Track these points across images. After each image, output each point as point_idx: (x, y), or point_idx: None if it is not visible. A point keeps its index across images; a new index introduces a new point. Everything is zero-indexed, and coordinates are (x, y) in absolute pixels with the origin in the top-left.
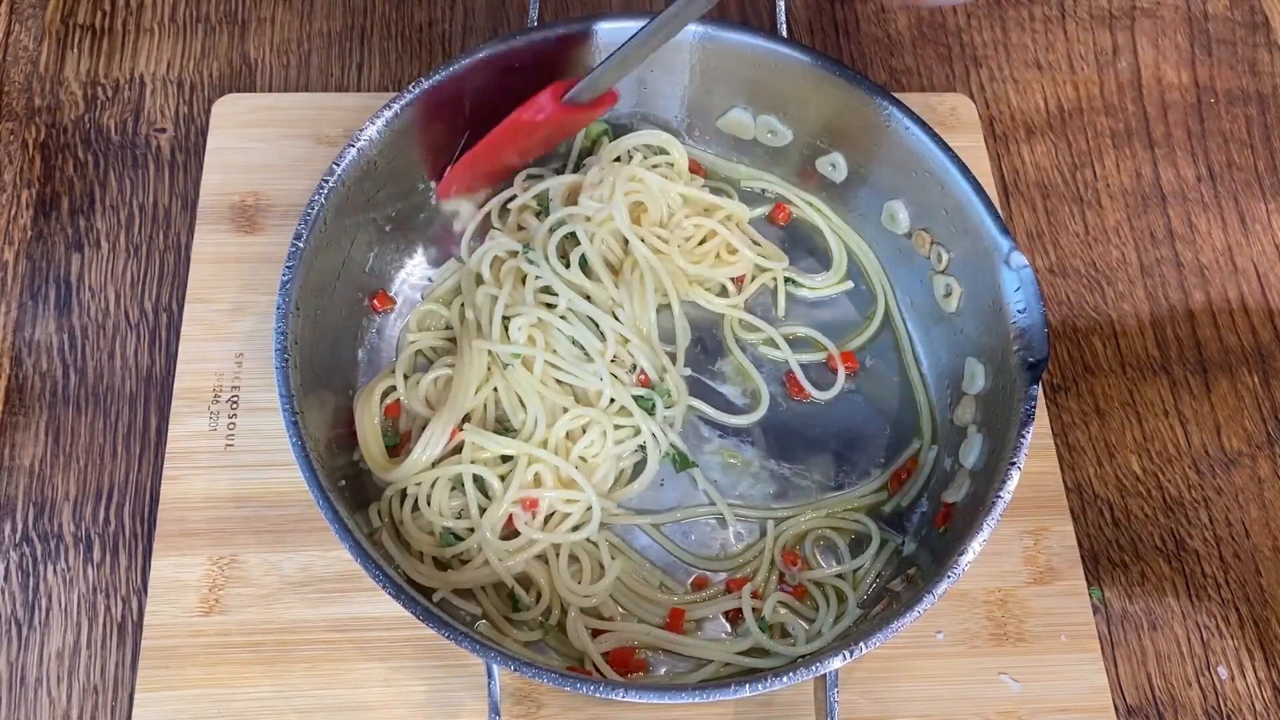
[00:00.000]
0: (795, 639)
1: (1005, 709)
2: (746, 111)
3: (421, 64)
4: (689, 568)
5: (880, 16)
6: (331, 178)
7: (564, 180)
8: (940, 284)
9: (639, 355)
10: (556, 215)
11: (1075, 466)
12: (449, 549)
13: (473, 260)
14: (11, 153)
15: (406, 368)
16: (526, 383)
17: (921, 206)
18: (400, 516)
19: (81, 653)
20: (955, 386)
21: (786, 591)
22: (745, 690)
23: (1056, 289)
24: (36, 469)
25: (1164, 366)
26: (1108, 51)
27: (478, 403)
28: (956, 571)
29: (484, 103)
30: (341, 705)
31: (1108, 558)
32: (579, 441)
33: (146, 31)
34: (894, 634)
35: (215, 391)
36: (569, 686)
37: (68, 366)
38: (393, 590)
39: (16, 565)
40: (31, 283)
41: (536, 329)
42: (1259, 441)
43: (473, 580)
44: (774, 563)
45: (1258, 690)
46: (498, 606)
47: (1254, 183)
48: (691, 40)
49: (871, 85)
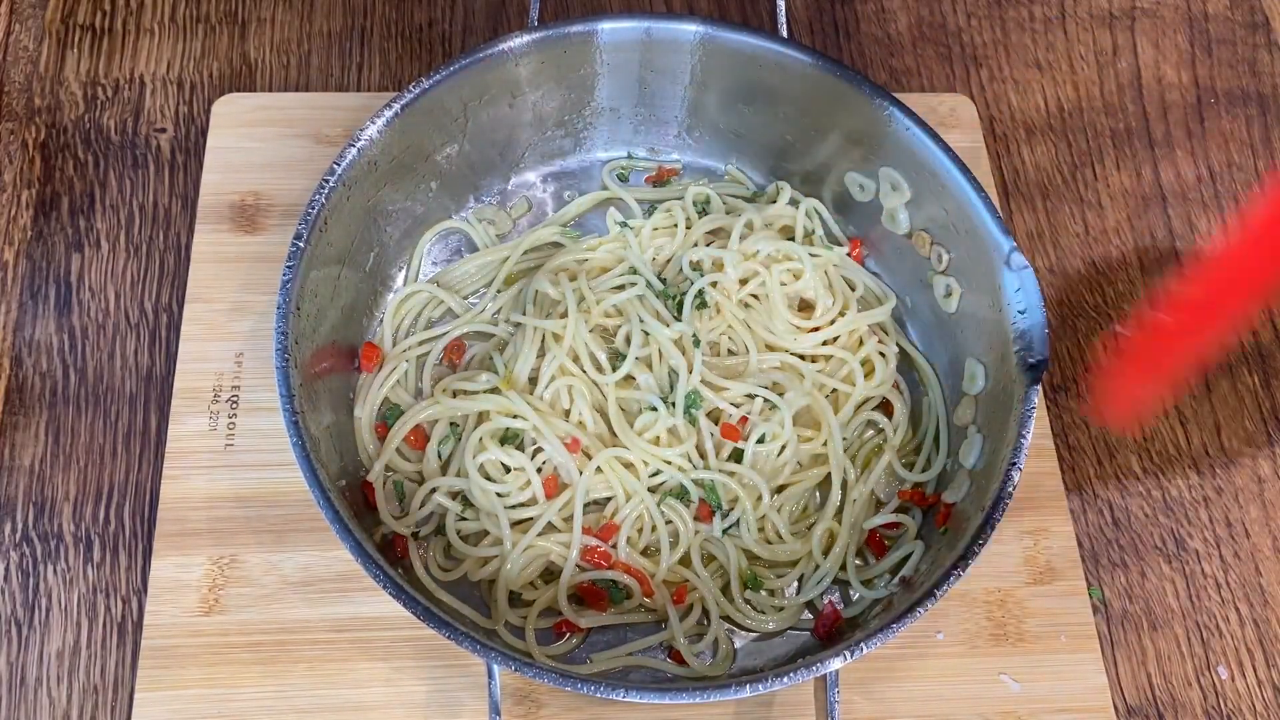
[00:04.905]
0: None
1: (1005, 709)
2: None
3: (421, 64)
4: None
5: (880, 16)
6: (332, 178)
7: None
8: (940, 284)
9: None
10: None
11: (1075, 466)
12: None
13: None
14: (11, 153)
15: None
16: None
17: (922, 207)
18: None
19: (81, 653)
20: (955, 386)
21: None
22: (745, 690)
23: (1056, 289)
24: (36, 469)
25: None
26: (1108, 51)
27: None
28: (957, 571)
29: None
30: (341, 705)
31: (1108, 558)
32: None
33: (146, 31)
34: (894, 634)
35: (215, 391)
36: (569, 686)
37: (68, 366)
38: (393, 590)
39: (16, 565)
40: (31, 283)
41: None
42: (1259, 441)
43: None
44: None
45: (1258, 690)
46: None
47: (1254, 183)
48: (692, 40)
49: (872, 85)
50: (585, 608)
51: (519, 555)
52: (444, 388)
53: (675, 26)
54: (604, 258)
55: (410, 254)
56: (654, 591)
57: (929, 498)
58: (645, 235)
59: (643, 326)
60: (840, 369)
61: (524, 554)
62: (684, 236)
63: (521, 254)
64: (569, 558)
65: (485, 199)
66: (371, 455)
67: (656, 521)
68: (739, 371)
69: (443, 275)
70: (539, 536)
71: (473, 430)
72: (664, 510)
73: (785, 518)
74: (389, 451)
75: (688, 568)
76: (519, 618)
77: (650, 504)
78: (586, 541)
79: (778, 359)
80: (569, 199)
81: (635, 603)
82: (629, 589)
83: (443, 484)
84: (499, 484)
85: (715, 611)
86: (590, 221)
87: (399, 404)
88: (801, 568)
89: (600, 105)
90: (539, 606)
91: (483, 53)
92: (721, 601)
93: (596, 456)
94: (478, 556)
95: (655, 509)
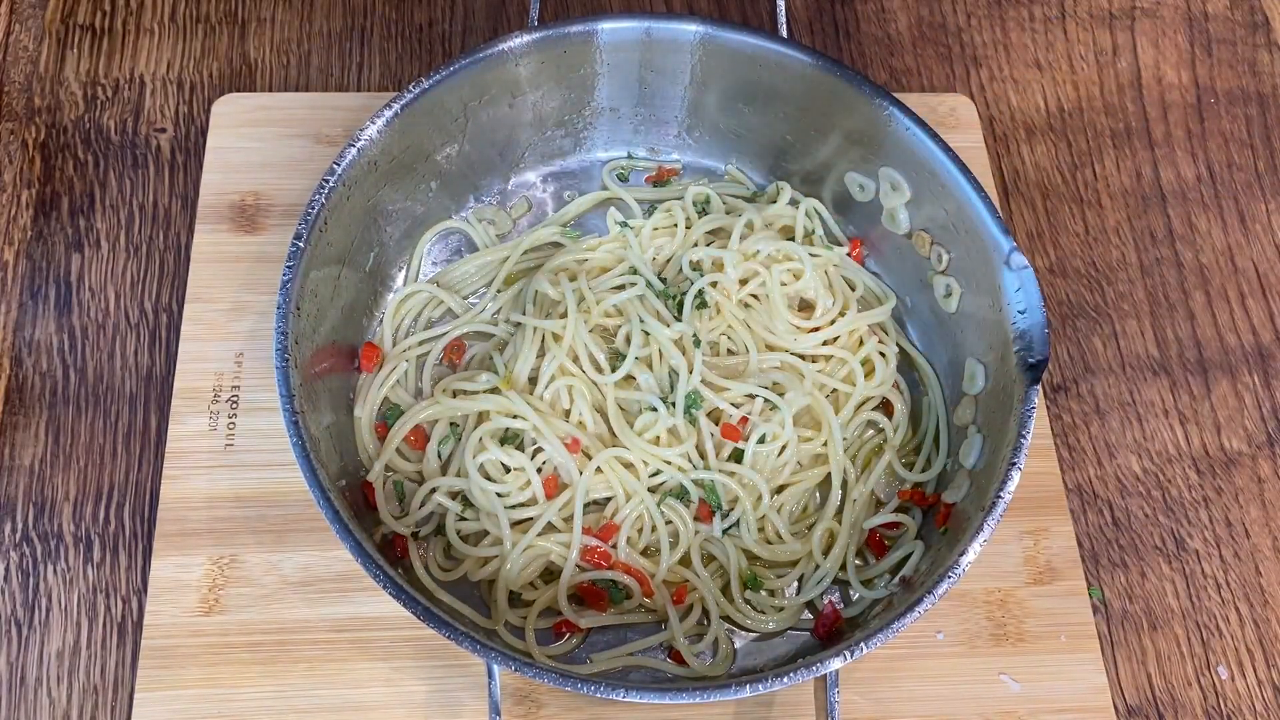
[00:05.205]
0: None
1: (1005, 709)
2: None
3: (421, 64)
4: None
5: (880, 16)
6: (332, 178)
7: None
8: (940, 284)
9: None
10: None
11: (1075, 466)
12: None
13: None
14: (11, 153)
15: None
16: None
17: (922, 207)
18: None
19: (81, 653)
20: (955, 386)
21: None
22: (745, 690)
23: (1056, 289)
24: (36, 469)
25: (1164, 366)
26: (1108, 51)
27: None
28: (957, 572)
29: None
30: (341, 705)
31: (1108, 558)
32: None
33: (146, 31)
34: (894, 634)
35: (215, 391)
36: (569, 686)
37: (68, 366)
38: (393, 590)
39: (16, 565)
40: (31, 283)
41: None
42: (1259, 441)
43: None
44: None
45: (1258, 690)
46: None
47: (1254, 183)
48: (692, 40)
49: (872, 85)
50: (585, 608)
51: (519, 555)
52: (444, 388)
53: (675, 26)
54: (604, 258)
55: (410, 254)
56: (654, 592)
57: (929, 498)
58: (645, 235)
59: (643, 327)
60: (840, 369)
61: (524, 554)
62: (684, 236)
63: (521, 254)
64: (569, 558)
65: (485, 199)
66: (371, 455)
67: (656, 522)
68: (739, 371)
69: (443, 275)
70: (539, 536)
71: (473, 430)
72: (664, 510)
73: (785, 518)
74: (389, 451)
75: (688, 568)
76: (519, 618)
77: (650, 504)
78: (586, 542)
79: (778, 359)
80: (569, 199)
81: (635, 603)
82: (629, 589)
83: (443, 484)
84: (499, 484)
85: (715, 612)
86: (590, 221)
87: (399, 404)
88: (801, 568)
89: (600, 105)
90: (539, 607)
91: (483, 53)
92: (721, 602)
93: (596, 457)
94: (478, 556)
95: (655, 509)
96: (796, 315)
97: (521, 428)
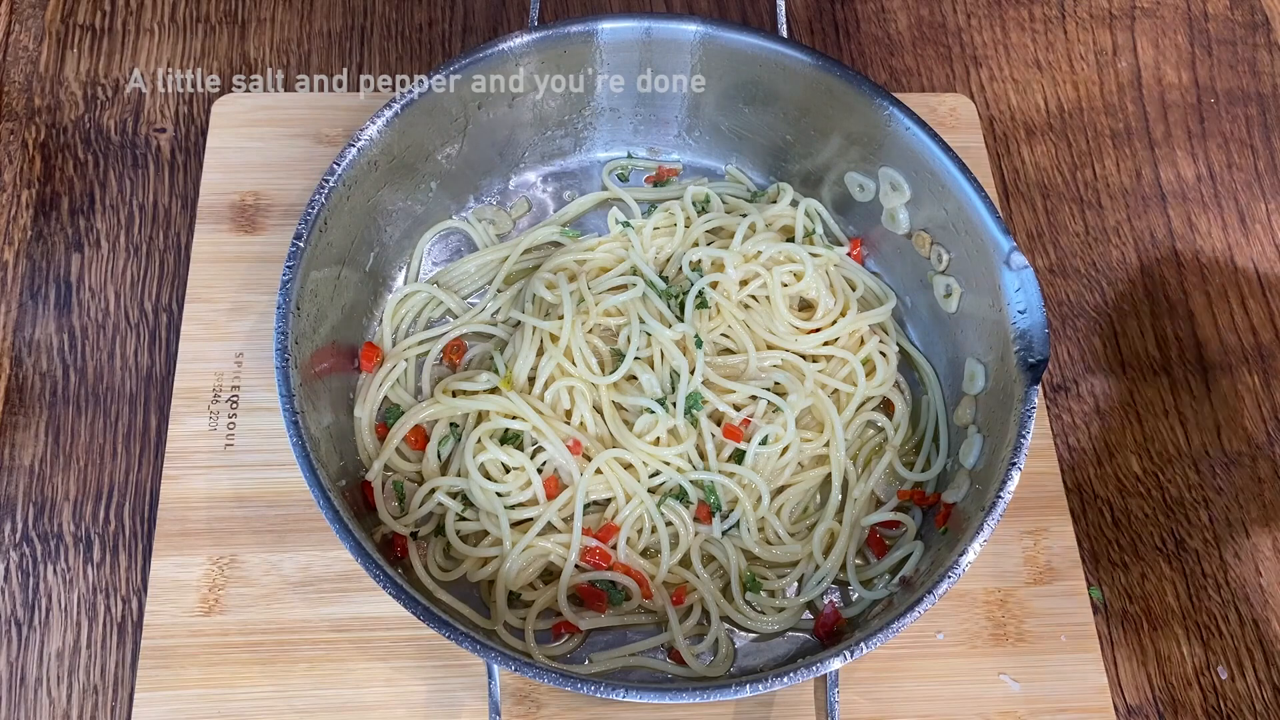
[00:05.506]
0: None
1: (1005, 709)
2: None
3: (421, 64)
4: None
5: (880, 16)
6: (332, 178)
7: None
8: (940, 284)
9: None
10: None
11: (1075, 466)
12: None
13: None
14: (11, 153)
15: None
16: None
17: (922, 207)
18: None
19: (81, 653)
20: (955, 386)
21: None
22: (745, 690)
23: (1056, 289)
24: (36, 469)
25: (1164, 366)
26: (1108, 51)
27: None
28: (956, 571)
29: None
30: (341, 705)
31: (1108, 558)
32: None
33: (146, 31)
34: (894, 634)
35: (215, 391)
36: (569, 686)
37: (68, 366)
38: (393, 590)
39: (16, 565)
40: (31, 283)
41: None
42: (1259, 441)
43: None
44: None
45: (1258, 690)
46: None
47: (1254, 183)
48: (692, 40)
49: (872, 85)
50: (584, 609)
51: (518, 555)
52: (444, 388)
53: (675, 26)
54: (604, 258)
55: (410, 254)
56: (653, 594)
57: (929, 497)
58: (646, 235)
59: (644, 327)
60: (841, 369)
61: (523, 554)
62: (683, 235)
63: (521, 254)
64: (569, 558)
65: (485, 199)
66: (371, 455)
67: (656, 523)
68: (740, 372)
69: (443, 275)
70: (539, 537)
71: (472, 430)
72: (664, 511)
73: (785, 518)
74: (389, 451)
75: (688, 569)
76: (518, 618)
77: (650, 505)
78: (586, 542)
79: (779, 358)
80: (569, 199)
81: (634, 604)
82: (628, 590)
83: (443, 484)
84: (499, 484)
85: (715, 612)
86: (590, 221)
87: (399, 404)
88: (802, 568)
89: (600, 105)
90: (538, 607)
91: (483, 53)
92: (721, 602)
93: (596, 458)
94: (477, 556)
95: (655, 510)
96: (797, 315)
97: (521, 428)
